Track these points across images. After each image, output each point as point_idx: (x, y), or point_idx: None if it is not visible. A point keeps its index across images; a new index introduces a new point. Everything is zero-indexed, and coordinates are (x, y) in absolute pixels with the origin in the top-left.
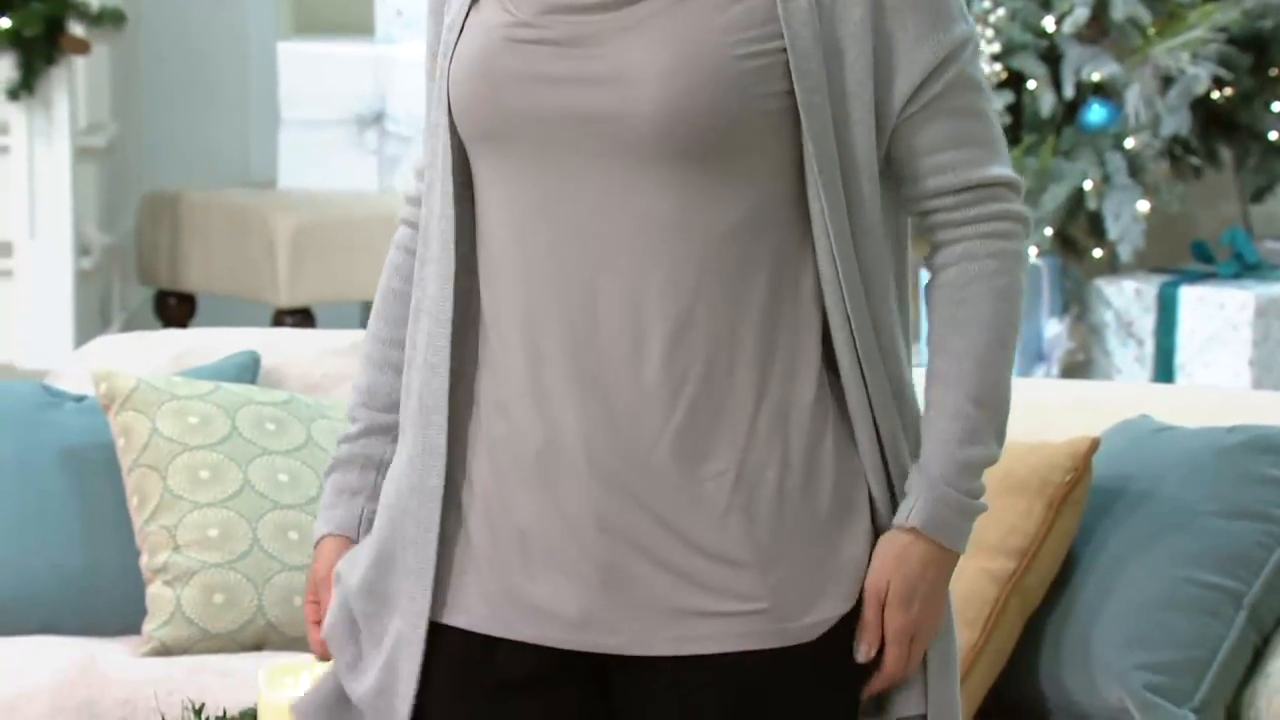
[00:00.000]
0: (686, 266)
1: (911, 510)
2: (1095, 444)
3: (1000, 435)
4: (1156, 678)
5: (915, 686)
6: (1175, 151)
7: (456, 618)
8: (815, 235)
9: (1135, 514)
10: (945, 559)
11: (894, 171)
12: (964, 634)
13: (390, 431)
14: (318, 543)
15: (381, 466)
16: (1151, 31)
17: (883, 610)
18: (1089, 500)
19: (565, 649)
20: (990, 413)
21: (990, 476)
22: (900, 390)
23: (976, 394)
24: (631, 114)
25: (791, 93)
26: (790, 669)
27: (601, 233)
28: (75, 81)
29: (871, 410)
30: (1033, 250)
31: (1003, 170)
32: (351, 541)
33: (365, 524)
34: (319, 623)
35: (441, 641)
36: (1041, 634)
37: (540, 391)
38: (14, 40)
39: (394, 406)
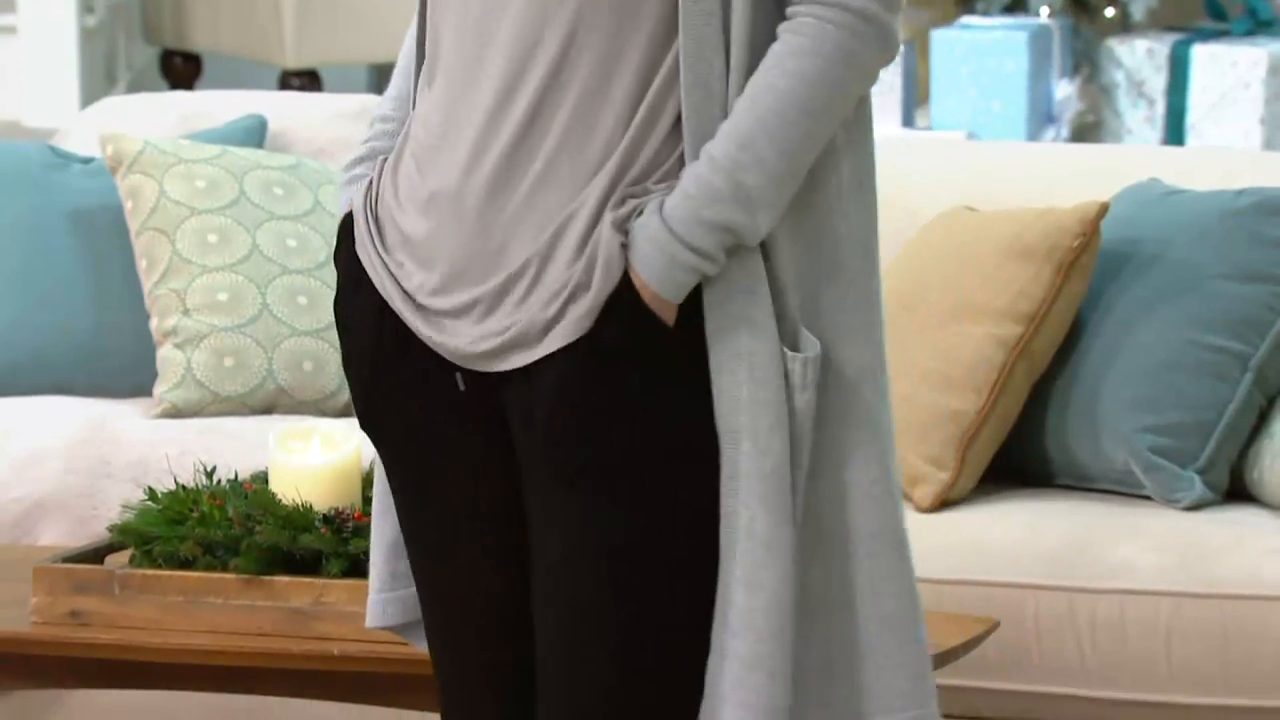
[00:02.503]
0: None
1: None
2: (1104, 208)
3: (750, 208)
4: (1162, 440)
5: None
6: None
7: None
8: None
9: (1143, 278)
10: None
11: None
12: (971, 399)
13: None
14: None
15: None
16: None
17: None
18: (1097, 265)
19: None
20: (742, 178)
21: (998, 242)
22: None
23: (734, 153)
24: None
25: None
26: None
27: None
28: None
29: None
30: (1044, 10)
31: None
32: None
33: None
34: None
35: None
36: (1048, 398)
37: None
38: None
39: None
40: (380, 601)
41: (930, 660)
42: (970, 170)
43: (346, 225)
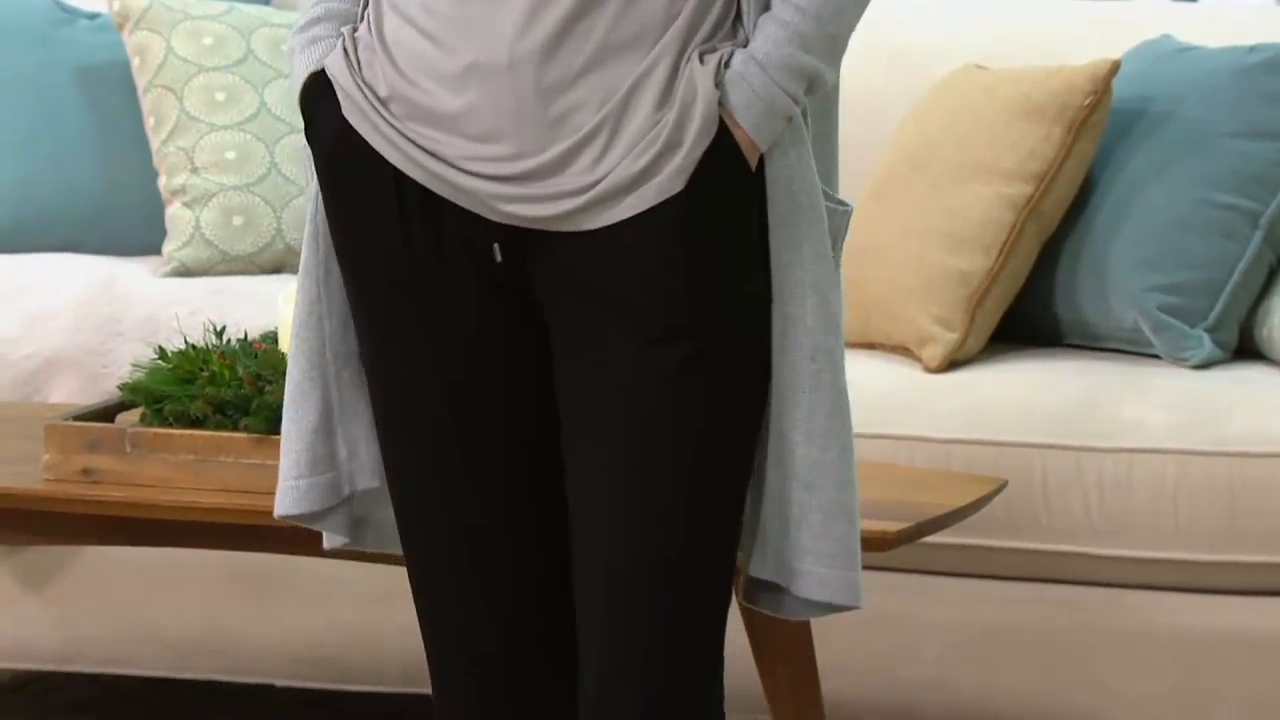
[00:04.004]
0: None
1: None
2: (1115, 66)
3: (832, 57)
4: (1171, 299)
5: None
6: None
7: None
8: None
9: (1154, 136)
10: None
11: None
12: (980, 259)
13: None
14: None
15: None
16: None
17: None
18: (1108, 123)
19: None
20: (826, 28)
21: (1008, 101)
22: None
23: (819, 4)
24: None
25: None
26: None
27: None
28: None
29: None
30: None
31: None
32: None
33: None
34: None
35: None
36: (1057, 258)
37: None
38: None
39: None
40: (302, 487)
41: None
42: (981, 28)
43: (316, 91)
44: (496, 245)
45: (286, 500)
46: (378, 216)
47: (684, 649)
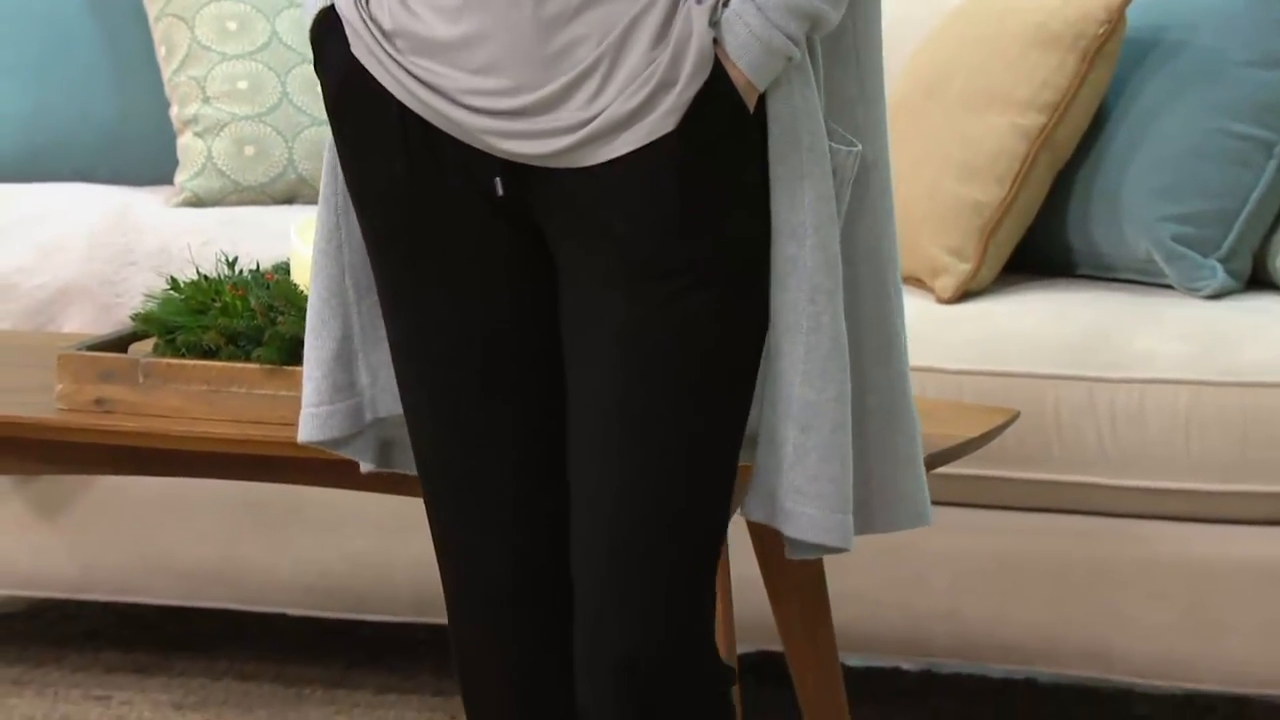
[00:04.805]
0: None
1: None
2: None
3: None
4: (1184, 228)
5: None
6: None
7: None
8: None
9: (1168, 65)
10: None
11: None
12: (993, 190)
13: None
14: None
15: None
16: None
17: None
18: (1122, 52)
19: None
20: None
21: (1022, 30)
22: None
23: None
24: None
25: None
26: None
27: None
28: None
29: None
30: None
31: None
32: None
33: None
34: None
35: None
36: (1070, 188)
37: None
38: None
39: None
40: (323, 414)
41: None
42: None
43: (326, 27)
44: (498, 179)
45: (309, 427)
46: (383, 150)
47: (680, 590)
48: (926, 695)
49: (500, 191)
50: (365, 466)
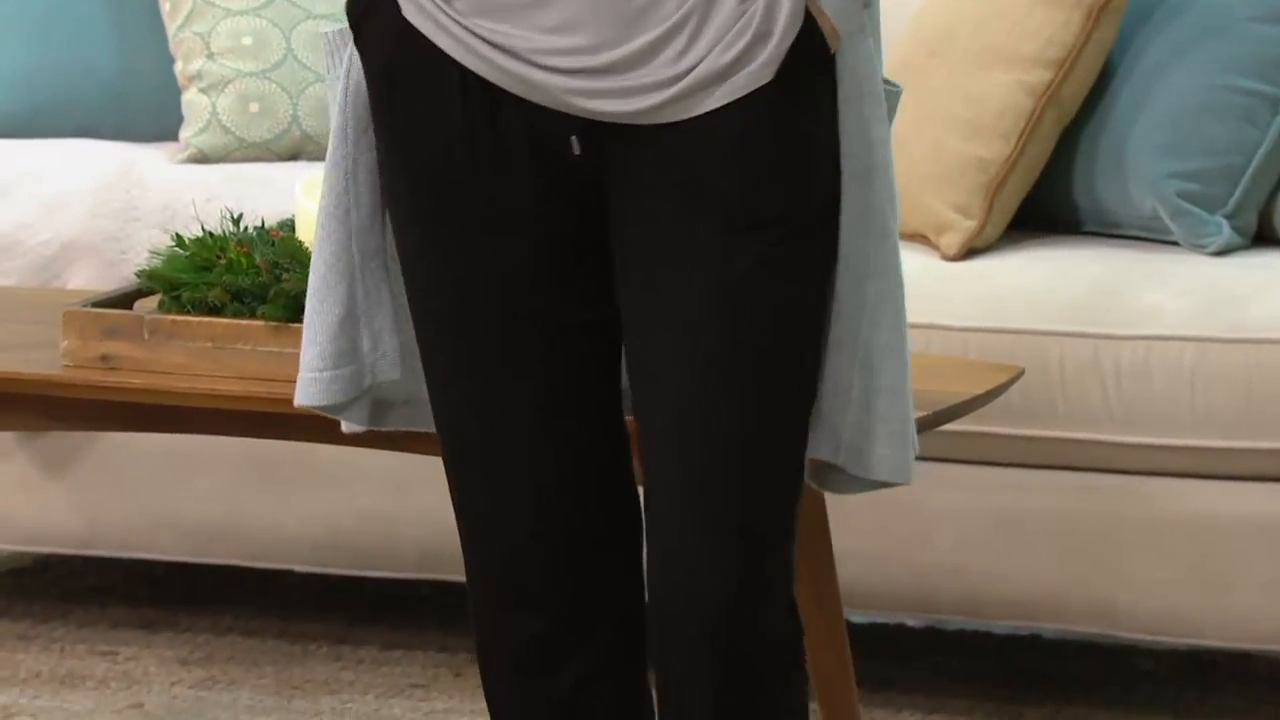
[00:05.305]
0: None
1: None
2: None
3: None
4: (1190, 185)
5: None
6: None
7: None
8: None
9: (1174, 21)
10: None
11: None
12: (998, 146)
13: None
14: None
15: None
16: None
17: None
18: (1127, 8)
19: None
20: None
21: None
22: None
23: None
24: None
25: None
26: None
27: None
28: None
29: None
30: None
31: None
32: None
33: None
34: None
35: None
36: (1076, 145)
37: None
38: None
39: None
40: (325, 379)
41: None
42: None
43: None
44: (574, 139)
45: (309, 391)
46: (438, 114)
47: (766, 539)
48: (930, 652)
49: (577, 151)
50: (349, 428)
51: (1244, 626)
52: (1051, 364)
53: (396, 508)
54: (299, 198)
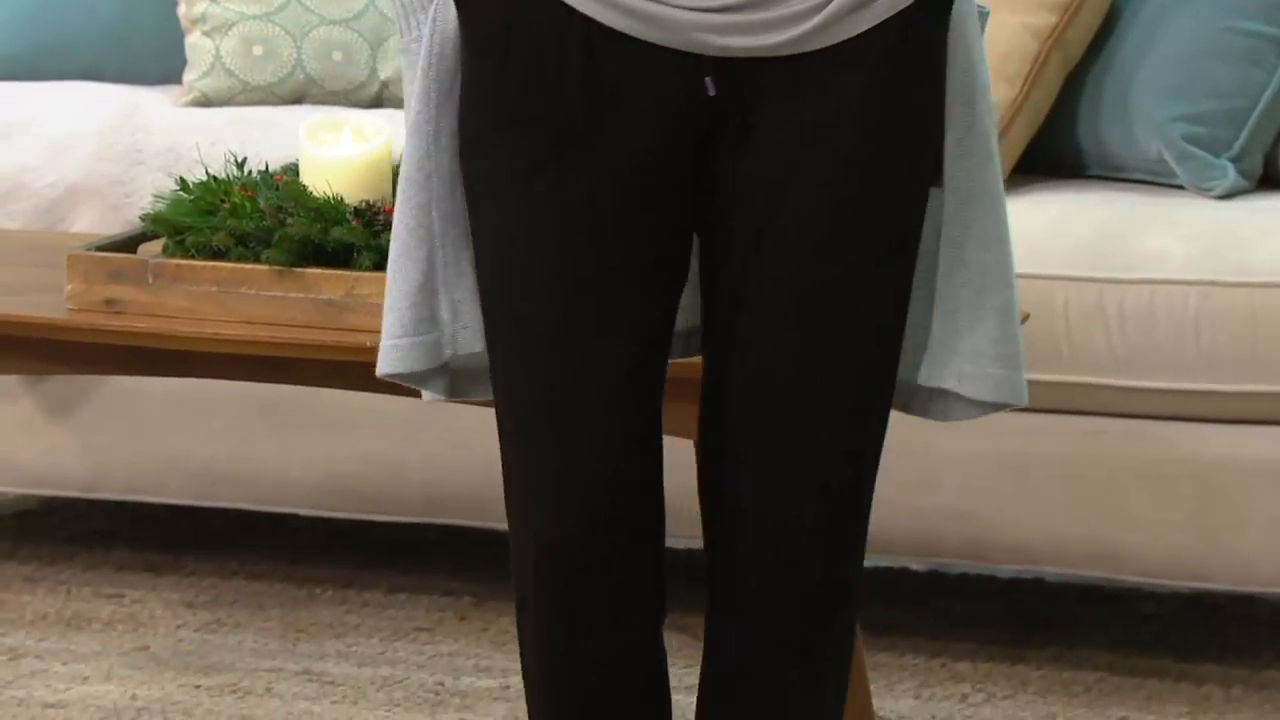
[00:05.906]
0: None
1: None
2: None
3: None
4: (1195, 128)
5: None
6: None
7: None
8: None
9: None
10: None
11: None
12: (1003, 90)
13: None
14: None
15: None
16: None
17: None
18: None
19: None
20: None
21: None
22: None
23: None
24: None
25: None
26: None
27: None
28: None
29: None
30: None
31: None
32: None
33: None
34: None
35: None
36: (1081, 88)
37: None
38: None
39: None
40: (404, 346)
41: None
42: None
43: None
44: (709, 79)
45: (390, 358)
46: (556, 67)
47: (856, 488)
48: (934, 595)
49: (712, 92)
50: (431, 398)
51: (1247, 569)
52: (1056, 308)
53: (402, 451)
54: (303, 141)
